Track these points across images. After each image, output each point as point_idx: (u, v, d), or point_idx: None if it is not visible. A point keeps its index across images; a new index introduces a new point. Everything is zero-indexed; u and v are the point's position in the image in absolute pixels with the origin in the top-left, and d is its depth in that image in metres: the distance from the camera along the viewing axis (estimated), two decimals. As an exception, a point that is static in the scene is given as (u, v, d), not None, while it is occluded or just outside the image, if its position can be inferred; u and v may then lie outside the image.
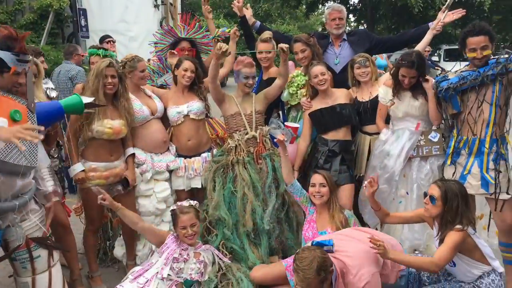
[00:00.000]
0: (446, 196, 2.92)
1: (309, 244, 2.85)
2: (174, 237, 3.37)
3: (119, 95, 3.59)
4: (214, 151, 4.06)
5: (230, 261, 3.51)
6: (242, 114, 3.79)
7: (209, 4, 4.70)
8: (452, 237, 2.84)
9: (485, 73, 3.29)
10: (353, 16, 23.70)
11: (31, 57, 2.74)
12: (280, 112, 4.56)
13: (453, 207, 2.90)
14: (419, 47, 4.15)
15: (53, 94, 4.21)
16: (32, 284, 2.74)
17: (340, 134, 3.91)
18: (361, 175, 4.02)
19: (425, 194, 3.10)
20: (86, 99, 3.05)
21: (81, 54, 6.30)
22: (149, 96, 3.96)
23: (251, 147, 3.74)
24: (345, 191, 3.84)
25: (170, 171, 3.96)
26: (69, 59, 6.19)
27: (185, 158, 3.97)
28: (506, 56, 3.30)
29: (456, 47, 15.07)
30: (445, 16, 4.14)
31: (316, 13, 29.84)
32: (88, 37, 10.96)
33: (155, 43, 4.52)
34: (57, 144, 3.85)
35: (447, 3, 4.12)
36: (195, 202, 3.49)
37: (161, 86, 4.36)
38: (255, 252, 3.59)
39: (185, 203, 3.43)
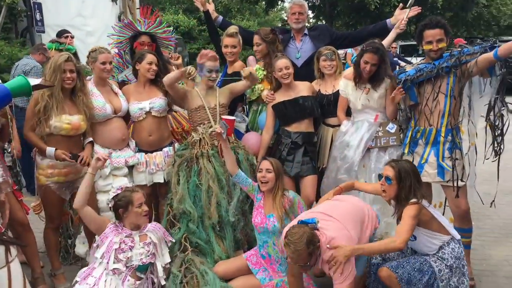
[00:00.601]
0: (400, 176, 3.05)
1: (290, 227, 2.96)
2: (113, 226, 3.26)
3: (77, 89, 3.53)
4: (176, 145, 4.03)
5: (173, 241, 3.51)
6: (206, 108, 3.80)
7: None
8: (409, 211, 2.99)
9: (440, 65, 3.45)
10: (312, 13, 23.94)
11: None
12: (246, 106, 4.59)
13: (407, 185, 3.04)
14: (384, 44, 4.26)
15: None
16: (-8, 281, 2.66)
17: (302, 126, 3.97)
18: (324, 166, 4.09)
19: (380, 176, 3.21)
20: (33, 81, 2.95)
21: (47, 55, 6.02)
22: (116, 93, 3.87)
23: (215, 140, 3.74)
24: (308, 182, 3.92)
25: (130, 167, 3.89)
26: (33, 54, 5.97)
27: (146, 153, 3.92)
28: (459, 49, 3.47)
29: (411, 43, 15.63)
30: (407, 14, 4.26)
31: (275, 9, 29.99)
32: (43, 32, 10.59)
33: (113, 35, 4.40)
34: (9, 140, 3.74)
35: (409, 2, 4.24)
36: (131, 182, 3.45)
37: (123, 82, 4.29)
38: (220, 245, 3.62)
39: (127, 185, 3.38)
